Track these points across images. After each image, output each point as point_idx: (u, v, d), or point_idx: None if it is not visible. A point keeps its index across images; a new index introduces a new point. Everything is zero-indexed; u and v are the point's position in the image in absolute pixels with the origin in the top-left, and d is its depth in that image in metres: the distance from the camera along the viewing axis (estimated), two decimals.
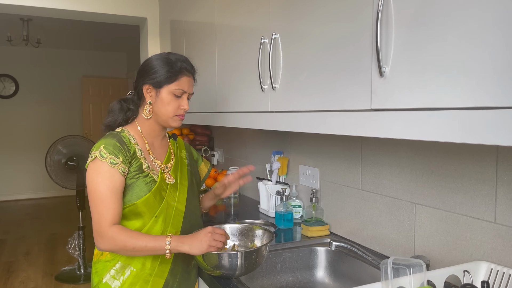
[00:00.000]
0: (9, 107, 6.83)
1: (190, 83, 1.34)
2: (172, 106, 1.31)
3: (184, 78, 1.32)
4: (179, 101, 1.32)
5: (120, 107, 1.37)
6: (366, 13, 0.95)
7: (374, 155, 1.47)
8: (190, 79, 1.35)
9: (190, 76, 1.34)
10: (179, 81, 1.30)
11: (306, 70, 1.19)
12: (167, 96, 1.30)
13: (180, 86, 1.31)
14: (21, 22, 5.15)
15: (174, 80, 1.30)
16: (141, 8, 2.92)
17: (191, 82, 1.35)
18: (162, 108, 1.31)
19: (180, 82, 1.30)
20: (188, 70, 1.33)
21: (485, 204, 1.09)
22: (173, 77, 1.30)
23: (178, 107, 1.32)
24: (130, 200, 1.26)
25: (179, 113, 1.33)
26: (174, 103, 1.31)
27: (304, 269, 1.56)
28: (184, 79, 1.32)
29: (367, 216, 1.51)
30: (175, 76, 1.30)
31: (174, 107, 1.31)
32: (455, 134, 0.73)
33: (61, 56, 7.11)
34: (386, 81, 0.89)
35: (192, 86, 1.36)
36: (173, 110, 1.31)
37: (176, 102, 1.31)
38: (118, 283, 1.27)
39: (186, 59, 1.35)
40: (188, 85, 1.33)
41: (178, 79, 1.30)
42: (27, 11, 2.74)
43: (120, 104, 1.37)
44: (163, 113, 1.32)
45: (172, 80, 1.30)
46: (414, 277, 0.90)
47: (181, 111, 1.33)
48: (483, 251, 1.10)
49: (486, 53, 0.68)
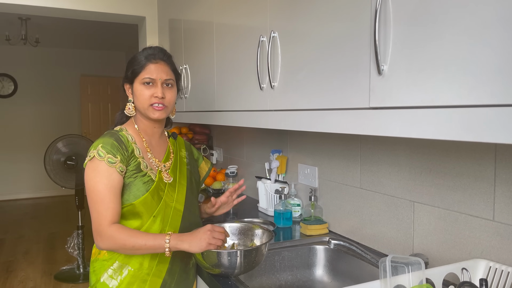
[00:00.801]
0: (8, 106, 6.82)
1: (159, 69, 1.31)
2: (143, 96, 1.30)
3: (151, 65, 1.31)
4: (151, 89, 1.31)
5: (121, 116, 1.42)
6: (365, 11, 0.94)
7: (373, 153, 1.47)
8: (160, 66, 1.32)
9: (158, 63, 1.32)
10: (145, 70, 1.31)
11: (304, 69, 1.19)
12: (138, 87, 1.31)
13: (147, 74, 1.30)
14: (20, 21, 5.13)
15: (141, 70, 1.31)
16: (139, 7, 2.92)
17: (161, 68, 1.32)
18: (137, 102, 1.32)
19: (147, 70, 1.30)
20: (154, 57, 1.32)
21: (483, 202, 1.09)
22: (140, 68, 1.31)
23: (150, 95, 1.30)
24: (128, 200, 1.26)
25: (152, 101, 1.30)
26: (145, 93, 1.30)
27: (303, 267, 1.56)
28: (151, 67, 1.31)
29: (366, 215, 1.52)
30: (141, 66, 1.31)
31: (145, 97, 1.30)
32: (454, 132, 0.73)
33: (59, 55, 7.10)
34: (385, 79, 0.89)
35: (164, 72, 1.32)
36: (146, 99, 1.30)
37: (148, 91, 1.31)
38: (115, 282, 1.27)
39: (155, 48, 1.35)
40: (156, 72, 1.31)
41: (145, 68, 1.31)
42: (25, 10, 2.74)
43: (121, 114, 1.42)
44: (139, 106, 1.32)
45: (139, 71, 1.31)
46: (412, 275, 0.90)
47: (154, 99, 1.30)
48: (481, 249, 1.10)
49: (484, 51, 0.68)
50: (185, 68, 2.24)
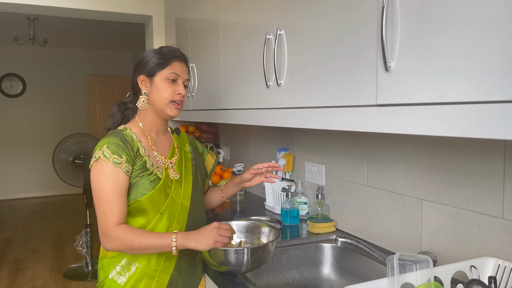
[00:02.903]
0: (16, 106, 6.89)
1: (183, 69, 1.34)
2: (167, 91, 1.30)
3: (176, 63, 1.32)
4: (174, 86, 1.31)
5: (118, 109, 1.40)
6: (371, 8, 0.94)
7: (380, 151, 1.46)
8: (183, 65, 1.35)
9: (182, 62, 1.34)
10: (171, 66, 1.31)
11: (311, 66, 1.18)
12: (161, 82, 1.31)
13: (173, 70, 1.31)
14: (28, 21, 5.18)
15: (166, 65, 1.30)
16: (146, 6, 2.93)
17: (184, 67, 1.35)
18: (157, 96, 1.31)
19: (172, 67, 1.31)
20: (179, 56, 1.34)
21: (492, 200, 1.08)
22: (165, 63, 1.30)
23: (173, 92, 1.31)
24: (134, 198, 1.26)
25: (175, 98, 1.31)
26: (169, 89, 1.31)
27: (310, 265, 1.56)
28: (176, 64, 1.32)
29: (373, 213, 1.51)
30: (166, 62, 1.31)
31: (169, 92, 1.30)
32: (462, 129, 0.73)
33: (67, 55, 7.15)
34: (392, 76, 0.88)
35: (185, 72, 1.35)
36: (169, 95, 1.30)
37: (171, 87, 1.31)
38: (124, 279, 1.28)
39: (177, 48, 1.36)
40: (181, 70, 1.33)
41: (170, 64, 1.31)
42: (33, 10, 2.76)
43: (118, 106, 1.40)
44: (159, 100, 1.31)
45: (164, 66, 1.30)
46: (420, 273, 0.90)
47: (177, 96, 1.31)
48: (490, 247, 1.09)
49: (493, 46, 0.67)
50: (192, 67, 2.25)
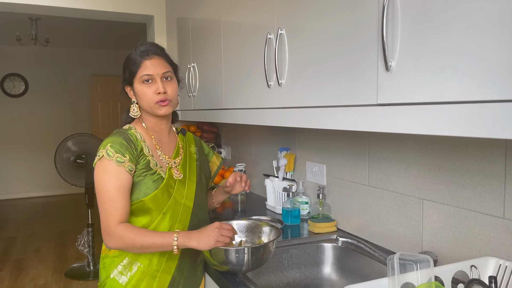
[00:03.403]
0: (19, 106, 6.90)
1: (155, 64, 1.30)
2: (147, 95, 1.29)
3: (146, 62, 1.30)
4: (152, 86, 1.30)
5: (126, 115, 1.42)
6: (372, 7, 0.94)
7: (381, 150, 1.46)
8: (155, 60, 1.31)
9: (152, 58, 1.31)
10: (141, 67, 1.29)
11: (312, 66, 1.18)
12: (139, 86, 1.30)
13: (145, 71, 1.29)
14: (30, 21, 5.19)
15: (137, 68, 1.30)
16: (147, 6, 2.93)
17: (156, 62, 1.31)
18: (142, 102, 1.32)
19: (143, 68, 1.29)
20: (147, 53, 1.31)
21: (493, 199, 1.08)
22: (136, 67, 1.30)
23: (153, 92, 1.29)
24: (137, 197, 1.26)
25: (156, 99, 1.29)
26: (148, 91, 1.29)
27: (311, 265, 1.56)
28: (146, 63, 1.30)
29: (374, 212, 1.51)
30: (137, 65, 1.30)
31: (149, 95, 1.29)
32: (462, 128, 0.72)
33: (69, 55, 7.16)
34: (392, 75, 0.88)
35: (160, 66, 1.31)
36: (150, 98, 1.29)
37: (150, 88, 1.29)
38: (125, 278, 1.28)
39: (146, 44, 1.34)
40: (153, 67, 1.29)
41: (141, 66, 1.30)
42: (35, 10, 2.76)
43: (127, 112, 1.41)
44: (145, 105, 1.31)
45: (136, 70, 1.30)
46: (421, 272, 0.90)
47: (157, 96, 1.29)
48: (491, 246, 1.09)
49: (494, 45, 0.67)
50: (193, 67, 2.25)
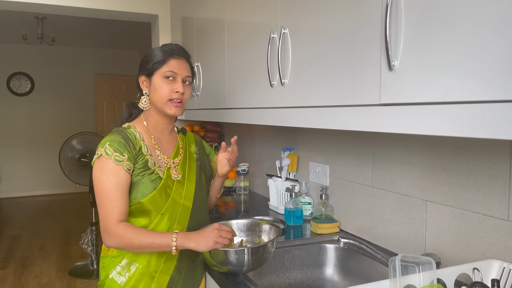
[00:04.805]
0: (24, 104, 6.95)
1: (181, 66, 1.32)
2: (164, 90, 1.29)
3: (174, 60, 1.31)
4: (172, 84, 1.30)
5: (126, 108, 1.42)
6: (375, 6, 0.93)
7: (385, 151, 1.45)
8: (182, 62, 1.33)
9: (180, 59, 1.33)
10: (168, 64, 1.30)
11: (315, 65, 1.18)
12: (159, 81, 1.30)
13: (170, 68, 1.30)
14: (36, 20, 5.22)
15: (163, 64, 1.30)
16: (152, 5, 2.94)
17: (183, 64, 1.33)
18: (156, 95, 1.31)
19: (169, 65, 1.30)
20: (177, 53, 1.32)
21: (498, 201, 1.07)
22: (162, 62, 1.30)
23: (171, 90, 1.30)
24: (136, 198, 1.26)
25: (173, 97, 1.30)
26: (166, 87, 1.29)
27: (313, 266, 1.55)
28: (173, 61, 1.31)
29: (377, 213, 1.50)
30: (163, 60, 1.30)
31: (166, 91, 1.29)
32: (467, 129, 0.71)
33: (75, 54, 7.20)
34: (396, 75, 0.87)
35: (185, 69, 1.33)
36: (166, 94, 1.29)
37: (169, 85, 1.30)
38: (124, 279, 1.28)
39: (177, 45, 1.35)
40: (178, 67, 1.31)
41: (167, 62, 1.30)
42: (41, 9, 2.78)
43: (128, 106, 1.42)
44: (157, 99, 1.31)
45: (161, 65, 1.30)
46: (423, 275, 0.88)
47: (175, 94, 1.30)
48: (495, 249, 1.07)
49: (498, 45, 0.66)
50: (197, 66, 2.25)
